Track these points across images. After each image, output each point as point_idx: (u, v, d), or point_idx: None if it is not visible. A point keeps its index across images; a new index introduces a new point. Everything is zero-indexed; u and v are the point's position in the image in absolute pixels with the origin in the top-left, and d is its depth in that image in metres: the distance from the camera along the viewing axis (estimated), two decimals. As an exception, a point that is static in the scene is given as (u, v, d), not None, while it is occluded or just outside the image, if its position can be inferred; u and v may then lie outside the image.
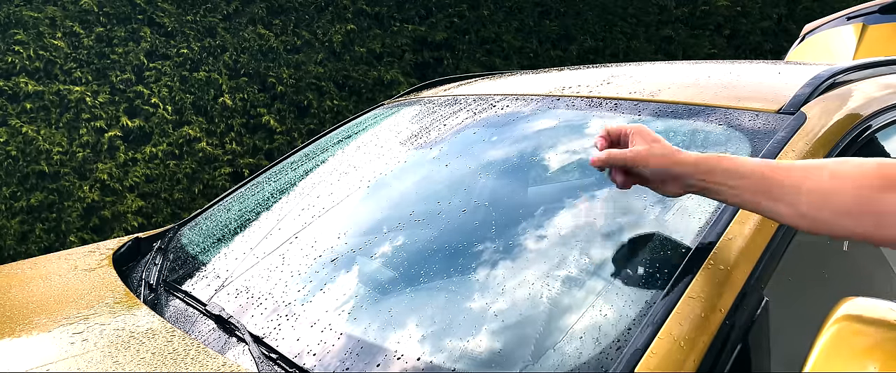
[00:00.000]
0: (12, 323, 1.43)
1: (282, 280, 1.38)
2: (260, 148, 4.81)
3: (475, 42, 5.31)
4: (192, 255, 1.70)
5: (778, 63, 1.77)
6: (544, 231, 1.24)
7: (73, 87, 4.23)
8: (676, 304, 0.97)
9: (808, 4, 6.38)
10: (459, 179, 1.50)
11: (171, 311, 1.46)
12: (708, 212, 1.12)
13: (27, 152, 4.15)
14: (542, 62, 5.52)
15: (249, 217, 1.81)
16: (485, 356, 1.03)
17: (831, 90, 1.33)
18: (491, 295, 1.14)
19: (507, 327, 1.07)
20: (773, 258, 1.05)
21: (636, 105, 1.48)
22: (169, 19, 4.47)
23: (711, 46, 6.05)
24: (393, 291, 1.25)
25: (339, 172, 1.78)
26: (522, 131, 1.58)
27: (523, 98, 1.71)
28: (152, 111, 4.44)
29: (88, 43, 4.28)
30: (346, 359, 1.10)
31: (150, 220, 4.53)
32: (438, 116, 1.81)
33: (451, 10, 5.20)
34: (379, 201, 1.60)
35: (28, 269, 1.84)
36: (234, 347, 1.23)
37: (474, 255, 1.24)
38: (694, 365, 0.92)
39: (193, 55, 4.54)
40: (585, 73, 1.83)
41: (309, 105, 4.88)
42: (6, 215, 4.15)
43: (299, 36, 4.81)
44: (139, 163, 4.43)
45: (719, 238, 1.05)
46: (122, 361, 1.18)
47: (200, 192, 4.62)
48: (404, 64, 5.12)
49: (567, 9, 5.55)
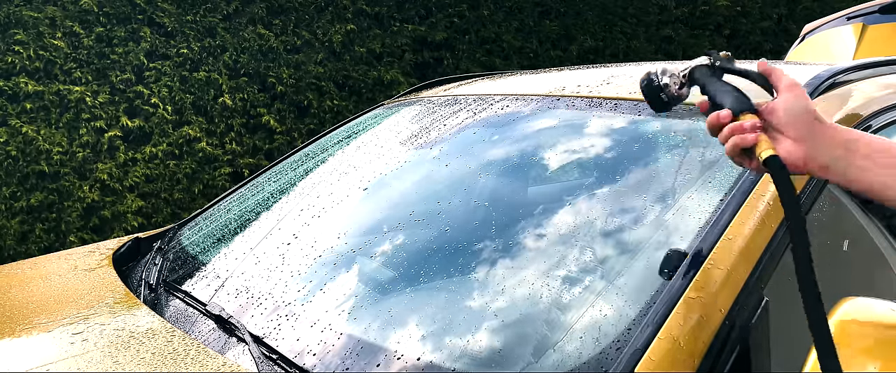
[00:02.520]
0: (12, 323, 1.43)
1: (282, 280, 1.38)
2: (260, 148, 4.81)
3: (475, 42, 5.31)
4: (192, 255, 1.70)
5: (778, 63, 1.77)
6: (544, 231, 1.24)
7: (73, 88, 4.23)
8: (676, 304, 0.97)
9: (808, 4, 6.38)
10: (459, 179, 1.50)
11: (171, 311, 1.46)
12: (708, 212, 1.12)
13: (27, 152, 4.15)
14: (542, 62, 5.52)
15: (249, 217, 1.81)
16: (485, 356, 1.03)
17: (831, 90, 1.33)
18: (491, 295, 1.14)
19: (506, 327, 1.07)
20: (773, 258, 1.05)
21: (636, 105, 1.48)
22: (169, 19, 4.47)
23: (711, 46, 6.04)
24: (393, 290, 1.25)
25: (339, 172, 1.78)
26: (522, 131, 1.58)
27: (523, 98, 1.71)
28: (152, 111, 4.44)
29: (88, 43, 4.28)
30: (346, 359, 1.10)
31: (150, 220, 4.52)
32: (438, 116, 1.81)
33: (451, 10, 5.20)
34: (379, 201, 1.60)
35: (28, 269, 1.84)
36: (234, 347, 1.23)
37: (474, 255, 1.24)
38: (694, 365, 0.92)
39: (193, 55, 4.54)
40: (585, 73, 1.83)
41: (309, 105, 4.88)
42: (6, 215, 4.15)
43: (299, 36, 4.81)
44: (139, 163, 4.43)
45: (719, 238, 1.05)
46: (122, 361, 1.18)
47: (200, 192, 4.62)
48: (404, 64, 5.12)
49: (567, 9, 5.55)
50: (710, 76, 1.00)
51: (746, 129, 0.92)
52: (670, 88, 1.02)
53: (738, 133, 0.92)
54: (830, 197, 1.23)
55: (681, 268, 1.03)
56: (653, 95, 1.04)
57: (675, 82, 1.02)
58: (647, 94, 1.04)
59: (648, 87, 1.04)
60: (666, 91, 1.02)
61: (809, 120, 0.92)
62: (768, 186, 1.11)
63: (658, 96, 1.03)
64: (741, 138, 0.92)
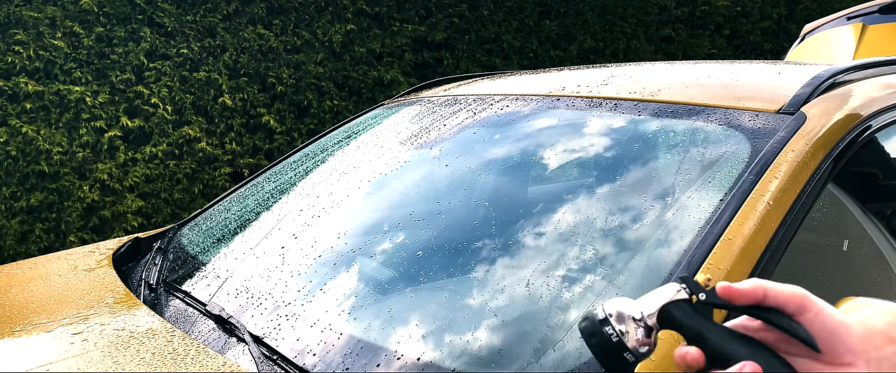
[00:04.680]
0: (12, 323, 1.43)
1: (281, 280, 1.38)
2: (260, 148, 4.81)
3: (475, 42, 5.31)
4: (192, 255, 1.70)
5: (778, 63, 1.77)
6: (544, 231, 1.24)
7: (73, 88, 4.23)
8: (676, 304, 0.97)
9: (808, 4, 6.38)
10: (459, 179, 1.50)
11: (171, 311, 1.46)
12: (708, 212, 1.12)
13: (27, 152, 4.15)
14: (542, 62, 5.52)
15: (249, 217, 1.81)
16: (485, 356, 1.03)
17: (831, 90, 1.33)
18: (490, 295, 1.14)
19: (506, 327, 1.07)
20: (773, 258, 1.05)
21: (636, 105, 1.48)
22: (169, 19, 4.47)
23: (711, 46, 6.05)
24: (392, 290, 1.25)
25: (339, 172, 1.78)
26: (522, 131, 1.58)
27: (523, 98, 1.71)
28: (152, 111, 4.44)
29: (88, 43, 4.28)
30: (346, 359, 1.10)
31: (150, 220, 4.52)
32: (438, 116, 1.81)
33: (451, 10, 5.20)
34: (378, 201, 1.60)
35: (28, 269, 1.84)
36: (234, 347, 1.23)
37: (474, 254, 1.24)
38: (694, 365, 0.92)
39: (193, 55, 4.54)
40: (585, 73, 1.82)
41: (309, 105, 4.88)
42: (6, 215, 4.15)
43: (299, 36, 4.81)
44: (139, 163, 4.43)
45: (719, 238, 1.05)
46: (122, 361, 1.18)
47: (200, 192, 4.62)
48: (404, 64, 5.12)
49: (567, 9, 5.55)
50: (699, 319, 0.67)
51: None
52: (629, 338, 0.67)
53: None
54: (830, 197, 1.23)
55: (681, 267, 1.03)
56: (607, 353, 0.68)
57: (638, 329, 0.68)
58: (598, 351, 0.69)
59: (598, 343, 0.68)
60: (625, 343, 0.67)
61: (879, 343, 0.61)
62: (768, 186, 1.11)
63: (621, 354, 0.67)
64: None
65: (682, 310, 0.68)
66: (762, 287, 0.63)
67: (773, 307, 0.63)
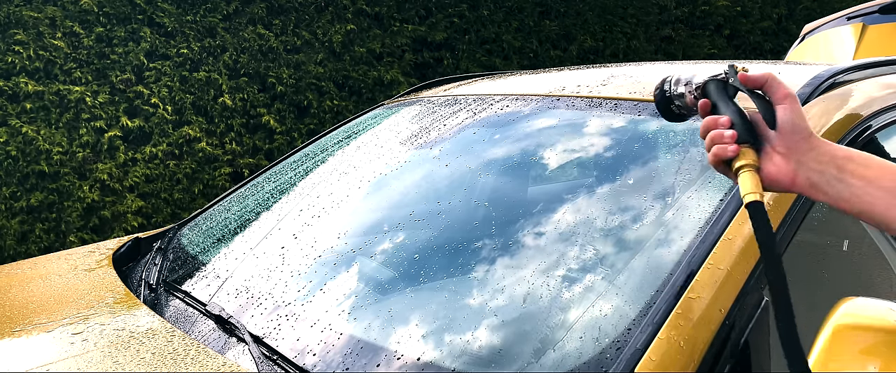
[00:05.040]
0: (12, 323, 1.43)
1: (282, 280, 1.38)
2: (260, 148, 4.81)
3: (475, 42, 5.31)
4: (192, 255, 1.71)
5: (778, 63, 1.77)
6: (543, 231, 1.24)
7: (73, 88, 4.23)
8: (676, 304, 0.97)
9: (808, 4, 6.38)
10: (459, 179, 1.50)
11: (171, 311, 1.46)
12: (708, 211, 1.12)
13: (27, 152, 4.15)
14: (542, 62, 5.52)
15: (249, 217, 1.81)
16: (484, 355, 1.03)
17: (831, 90, 1.33)
18: (490, 294, 1.14)
19: (506, 327, 1.07)
20: (773, 258, 1.05)
21: (636, 105, 1.48)
22: (169, 19, 4.47)
23: (711, 46, 6.05)
24: (392, 290, 1.25)
25: (339, 172, 1.78)
26: (522, 131, 1.58)
27: (523, 98, 1.71)
28: (152, 111, 4.44)
29: (88, 43, 4.28)
30: (346, 359, 1.10)
31: (150, 220, 4.52)
32: (438, 116, 1.81)
33: (451, 10, 5.20)
34: (378, 201, 1.60)
35: (28, 269, 1.84)
36: (234, 347, 1.23)
37: (474, 254, 1.24)
38: (694, 365, 0.92)
39: (193, 55, 4.54)
40: (585, 73, 1.82)
41: (309, 105, 4.88)
42: (6, 215, 4.15)
43: (299, 36, 4.81)
44: (139, 163, 4.43)
45: (719, 238, 1.05)
46: (122, 361, 1.18)
47: (200, 192, 4.62)
48: (404, 64, 5.12)
49: (567, 9, 5.55)
50: (722, 93, 0.94)
51: (726, 139, 0.89)
52: (685, 98, 0.97)
53: (719, 143, 0.89)
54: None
55: (681, 268, 1.03)
56: (664, 105, 1.00)
57: (690, 93, 0.97)
58: (659, 103, 1.01)
59: (661, 97, 1.00)
60: (680, 101, 0.98)
61: (801, 136, 0.87)
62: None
63: (669, 107, 1.00)
64: (722, 148, 0.89)
65: (715, 85, 0.95)
66: (765, 76, 0.90)
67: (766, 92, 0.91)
